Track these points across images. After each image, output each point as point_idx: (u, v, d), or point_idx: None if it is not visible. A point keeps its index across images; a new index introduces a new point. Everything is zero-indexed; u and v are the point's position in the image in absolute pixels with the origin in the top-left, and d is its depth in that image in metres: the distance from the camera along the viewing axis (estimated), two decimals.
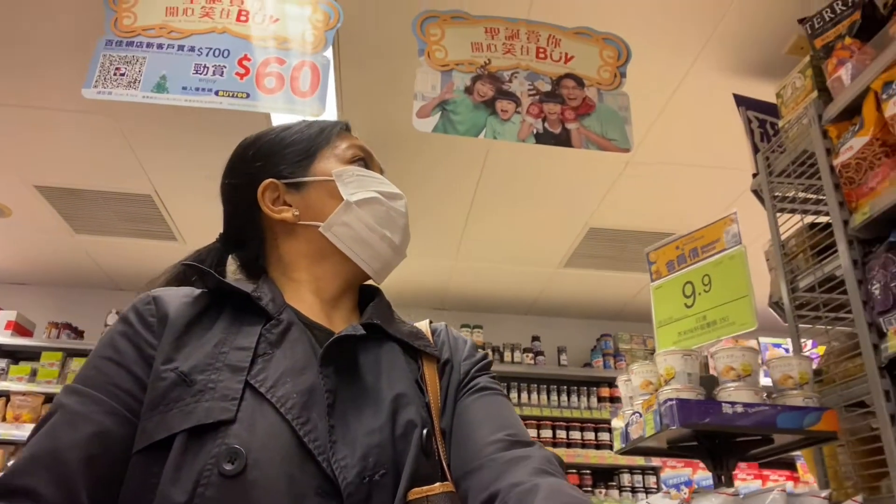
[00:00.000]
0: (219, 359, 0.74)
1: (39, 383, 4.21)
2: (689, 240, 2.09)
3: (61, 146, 3.31)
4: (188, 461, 0.67)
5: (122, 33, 1.95)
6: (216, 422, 0.68)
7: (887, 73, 1.72)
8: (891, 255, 1.68)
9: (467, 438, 0.79)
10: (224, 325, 0.79)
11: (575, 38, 2.16)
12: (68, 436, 0.68)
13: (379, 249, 0.91)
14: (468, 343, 0.95)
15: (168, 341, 0.76)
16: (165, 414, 0.70)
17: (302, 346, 0.79)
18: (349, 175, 0.92)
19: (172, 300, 0.80)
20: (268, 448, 0.68)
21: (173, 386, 0.72)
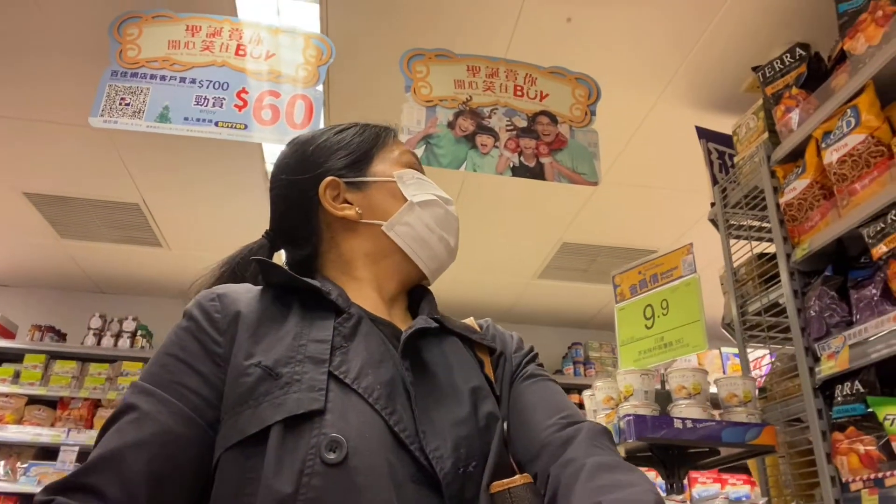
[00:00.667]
0: (299, 351, 0.75)
1: (23, 385, 4.27)
2: (651, 266, 2.28)
3: (52, 156, 3.40)
4: (288, 452, 0.67)
5: (126, 64, 2.07)
6: (308, 412, 0.69)
7: (827, 124, 1.92)
8: (825, 287, 1.88)
9: (524, 424, 0.82)
10: (297, 319, 0.80)
11: (550, 77, 2.34)
12: (134, 436, 0.69)
13: (437, 250, 0.93)
14: (515, 337, 0.98)
15: (244, 337, 0.76)
16: (256, 408, 0.70)
17: (375, 340, 0.80)
18: (410, 177, 0.94)
19: (241, 296, 0.81)
20: (364, 437, 0.69)
21: (260, 381, 0.72)
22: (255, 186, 3.59)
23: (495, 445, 0.75)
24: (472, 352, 0.89)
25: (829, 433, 1.81)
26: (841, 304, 1.84)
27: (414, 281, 0.95)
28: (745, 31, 2.50)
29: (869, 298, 1.73)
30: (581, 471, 0.70)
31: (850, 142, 1.80)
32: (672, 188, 3.56)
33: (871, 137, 1.76)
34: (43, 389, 4.27)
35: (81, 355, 4.44)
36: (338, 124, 1.00)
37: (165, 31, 2.12)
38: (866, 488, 1.66)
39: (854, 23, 1.87)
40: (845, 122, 1.83)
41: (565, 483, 0.70)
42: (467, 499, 0.71)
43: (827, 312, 1.86)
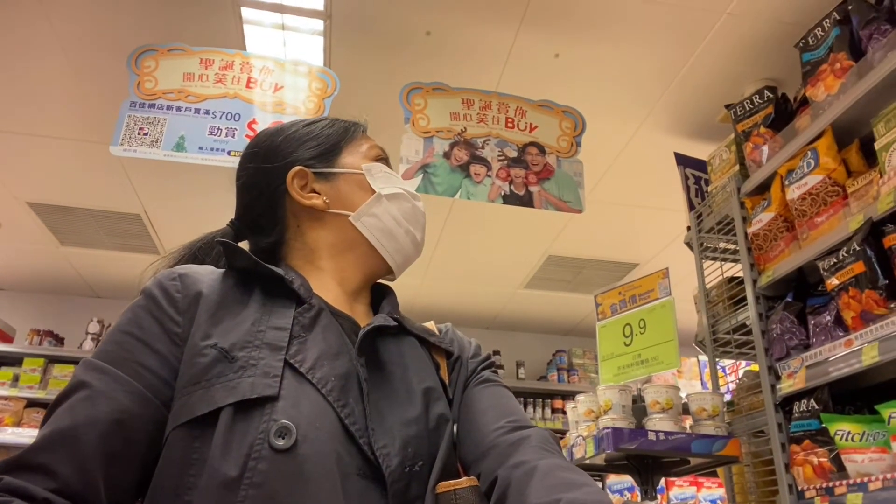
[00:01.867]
0: (257, 337, 0.74)
1: (21, 388, 4.37)
2: (630, 287, 2.46)
3: (58, 169, 3.52)
4: (236, 436, 0.67)
5: (144, 96, 2.21)
6: (261, 397, 0.69)
7: (790, 163, 2.11)
8: (786, 312, 2.07)
9: (473, 426, 0.83)
10: (257, 305, 0.79)
11: (539, 109, 2.51)
12: (87, 414, 0.67)
13: (403, 243, 0.94)
14: (473, 343, 0.99)
15: (204, 318, 0.75)
16: (208, 389, 0.69)
17: (333, 332, 0.80)
18: (377, 171, 0.95)
19: (203, 276, 0.80)
20: (315, 426, 0.69)
21: (215, 362, 0.71)
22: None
23: (444, 447, 0.77)
24: (429, 354, 0.90)
25: (788, 445, 2.00)
26: (800, 328, 2.02)
27: (378, 275, 0.96)
28: (720, 67, 2.68)
29: (824, 324, 1.91)
30: (535, 471, 0.71)
31: (809, 181, 1.99)
32: (652, 207, 3.75)
33: (829, 178, 1.95)
34: (42, 393, 4.38)
35: (79, 359, 4.51)
36: (309, 119, 1.01)
37: (181, 64, 2.26)
38: (819, 496, 1.84)
39: (816, 72, 2.06)
40: (806, 163, 2.02)
41: (517, 483, 0.71)
42: (412, 497, 0.72)
43: (787, 335, 2.05)
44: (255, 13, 2.44)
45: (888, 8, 1.85)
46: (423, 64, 2.58)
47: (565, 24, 2.49)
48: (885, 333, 1.67)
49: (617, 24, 2.49)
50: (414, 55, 2.57)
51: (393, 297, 0.96)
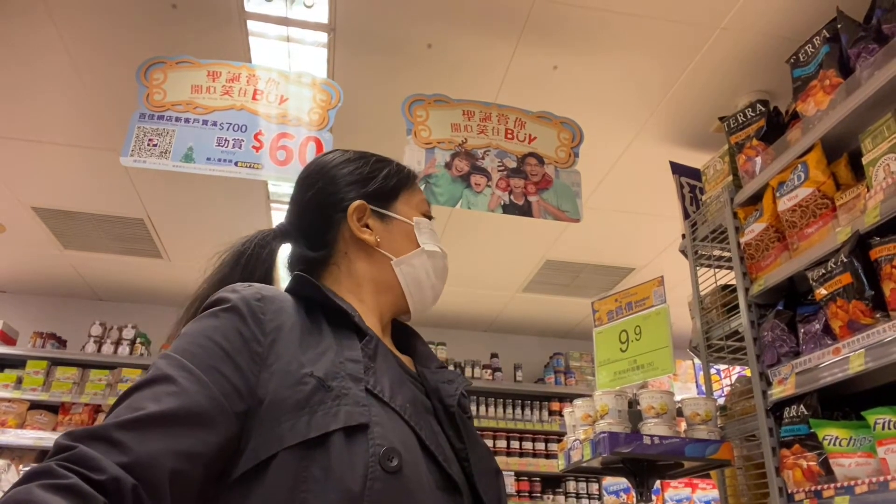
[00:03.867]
0: (341, 368, 0.80)
1: (24, 391, 4.42)
2: (626, 295, 2.52)
3: (63, 175, 3.57)
4: (351, 458, 0.73)
5: (153, 107, 2.26)
6: (358, 424, 0.75)
7: (782, 175, 2.17)
8: (777, 320, 2.13)
9: None
10: (330, 336, 0.85)
11: (538, 121, 2.57)
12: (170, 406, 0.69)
13: (427, 295, 1.02)
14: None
15: (292, 346, 0.80)
16: (312, 415, 0.74)
17: (392, 363, 0.88)
18: (425, 226, 1.04)
19: (284, 304, 0.85)
20: (407, 448, 0.76)
21: (315, 390, 0.76)
22: (257, 204, 3.79)
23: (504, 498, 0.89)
24: None
25: (778, 449, 2.06)
26: (790, 336, 2.09)
27: (400, 316, 1.05)
28: (714, 80, 2.75)
29: (813, 332, 1.98)
30: None
31: (799, 194, 2.06)
32: (648, 213, 3.82)
33: (818, 191, 2.01)
34: (45, 395, 4.43)
35: (82, 362, 4.60)
36: (378, 155, 1.08)
37: (189, 77, 2.32)
38: (808, 499, 1.91)
39: (806, 88, 2.12)
40: (796, 176, 2.08)
41: None
42: None
43: (778, 342, 2.11)
44: (260, 26, 2.50)
45: (876, 28, 1.92)
46: (424, 76, 2.64)
47: (563, 38, 2.55)
48: (871, 342, 1.73)
49: (614, 38, 2.56)
50: (416, 67, 2.63)
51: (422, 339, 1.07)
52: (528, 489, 4.87)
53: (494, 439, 4.91)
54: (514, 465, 4.85)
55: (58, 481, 0.59)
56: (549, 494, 4.90)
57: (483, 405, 5.04)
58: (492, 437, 4.90)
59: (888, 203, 1.73)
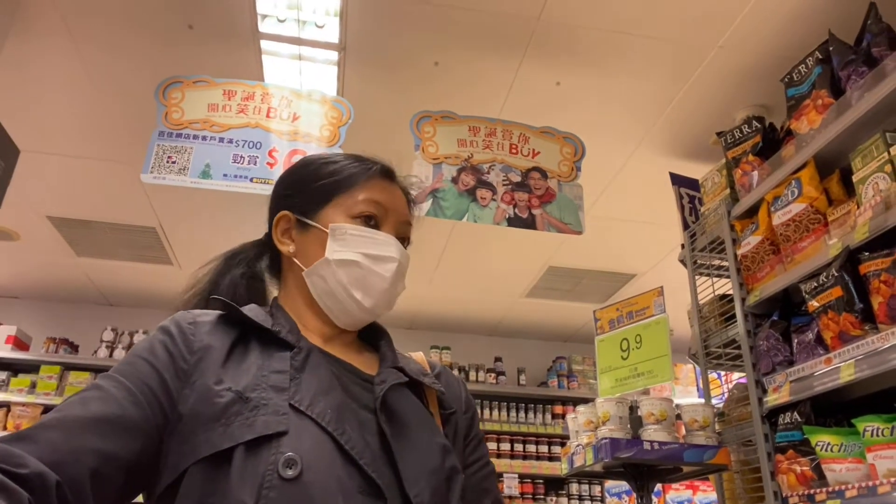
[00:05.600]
0: (263, 380, 0.82)
1: (38, 395, 4.51)
2: (627, 304, 2.61)
3: (79, 186, 3.67)
4: (249, 469, 0.74)
5: (171, 126, 2.36)
6: (275, 433, 0.76)
7: (776, 190, 2.26)
8: (772, 330, 2.22)
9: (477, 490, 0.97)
10: (258, 351, 0.86)
11: (541, 136, 2.66)
12: (96, 408, 0.74)
13: (348, 308, 0.95)
14: (465, 389, 1.04)
15: (214, 365, 0.82)
16: (228, 426, 0.76)
17: (324, 370, 0.87)
18: (342, 233, 0.95)
19: (213, 327, 0.87)
20: (316, 455, 0.76)
21: (232, 402, 0.78)
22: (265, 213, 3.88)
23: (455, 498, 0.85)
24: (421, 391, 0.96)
25: (773, 455, 2.15)
26: (784, 345, 2.17)
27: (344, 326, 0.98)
28: (712, 95, 2.83)
29: (806, 342, 2.06)
30: None
31: (793, 209, 2.14)
32: (649, 221, 3.90)
33: (811, 207, 2.10)
34: (58, 399, 4.52)
35: (94, 367, 4.70)
36: (344, 154, 1.05)
37: (205, 96, 2.41)
38: (801, 503, 1.99)
39: (799, 107, 2.21)
40: (790, 191, 2.17)
41: None
42: None
43: (773, 352, 2.19)
44: (273, 45, 2.59)
45: (865, 51, 2.00)
46: (431, 93, 2.73)
47: (566, 55, 2.64)
48: (860, 353, 1.81)
49: (615, 55, 2.64)
50: (423, 84, 2.72)
51: (388, 339, 1.02)
52: (532, 491, 4.95)
53: (498, 442, 5.00)
54: (518, 467, 4.94)
55: None
56: (552, 496, 4.98)
57: (487, 408, 5.12)
58: (496, 440, 4.99)
59: (877, 220, 1.81)
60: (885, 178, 1.84)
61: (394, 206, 1.00)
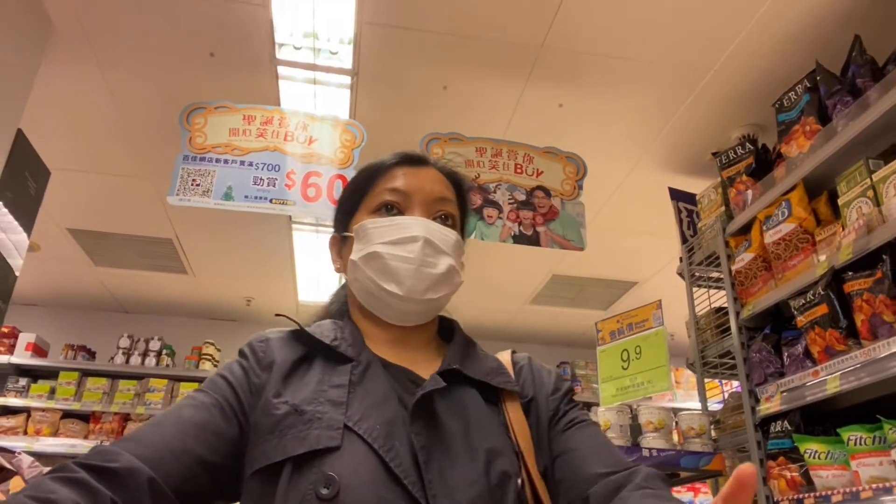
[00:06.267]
0: (321, 395, 0.82)
1: (58, 400, 4.66)
2: (627, 316, 2.73)
3: (99, 200, 3.81)
4: (293, 487, 0.75)
5: (195, 150, 2.49)
6: (326, 448, 0.76)
7: (768, 210, 2.38)
8: (764, 343, 2.34)
9: (574, 476, 0.84)
10: (321, 366, 0.87)
11: (545, 156, 2.79)
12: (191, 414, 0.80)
13: (386, 301, 0.92)
14: (553, 376, 0.97)
15: (277, 378, 0.85)
16: (282, 438, 0.78)
17: (381, 383, 0.85)
18: (363, 230, 0.94)
19: (280, 344, 0.91)
20: (357, 474, 0.74)
21: (287, 415, 0.80)
22: (279, 226, 4.02)
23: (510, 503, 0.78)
24: (498, 397, 0.90)
25: (766, 461, 2.27)
26: (776, 358, 2.29)
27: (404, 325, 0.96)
28: (708, 114, 2.96)
29: (796, 355, 2.18)
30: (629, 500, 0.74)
31: (783, 228, 2.26)
32: (650, 232, 4.03)
33: (800, 227, 2.22)
34: (77, 405, 4.66)
35: (111, 373, 4.84)
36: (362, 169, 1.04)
37: (227, 121, 2.54)
38: None
39: (789, 132, 2.33)
40: (781, 212, 2.29)
41: None
42: None
43: (765, 363, 2.32)
44: (290, 70, 2.72)
45: (850, 81, 2.12)
46: (440, 115, 2.86)
47: (568, 79, 2.77)
48: (845, 367, 1.94)
49: (615, 78, 2.77)
50: (432, 107, 2.85)
51: (459, 339, 0.97)
52: None
53: None
54: None
55: (67, 475, 0.68)
56: None
57: None
58: None
59: (860, 242, 1.93)
60: (867, 202, 1.96)
61: (419, 186, 0.96)
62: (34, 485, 0.66)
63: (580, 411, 0.92)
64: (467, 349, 0.96)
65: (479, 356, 0.95)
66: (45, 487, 0.65)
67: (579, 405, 0.94)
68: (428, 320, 0.98)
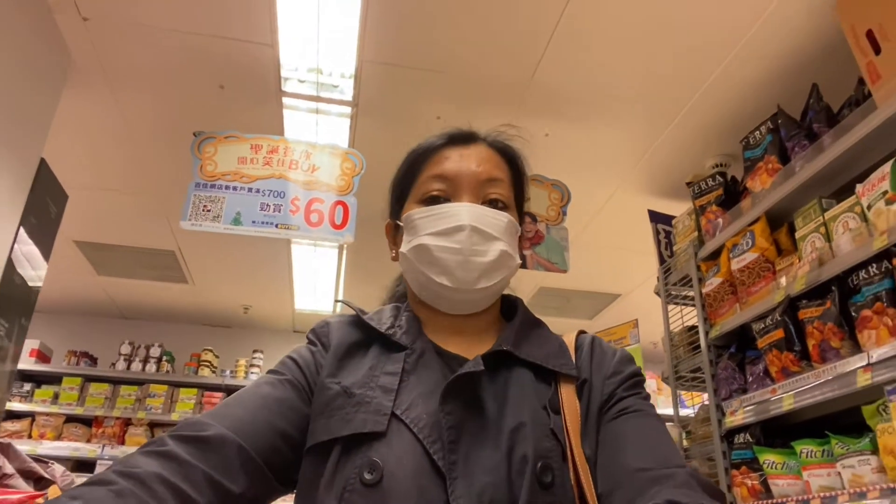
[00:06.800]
0: (373, 379, 0.82)
1: (61, 405, 4.81)
2: (606, 334, 2.94)
3: (106, 215, 3.98)
4: (340, 469, 0.75)
5: (206, 177, 2.67)
6: (371, 433, 0.76)
7: (734, 238, 2.59)
8: (730, 361, 2.55)
9: (610, 466, 0.78)
10: (376, 352, 0.88)
11: (532, 183, 2.98)
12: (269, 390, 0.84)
13: (440, 293, 0.91)
14: (616, 357, 0.91)
15: (332, 361, 0.87)
16: (329, 419, 0.79)
17: (433, 372, 0.84)
18: (410, 222, 0.92)
19: (338, 328, 0.92)
20: (401, 463, 0.74)
21: (336, 396, 0.81)
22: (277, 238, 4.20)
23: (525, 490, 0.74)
24: (553, 380, 0.86)
25: (730, 470, 2.48)
26: (740, 375, 2.50)
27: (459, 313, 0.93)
28: (684, 145, 3.17)
29: (757, 374, 2.40)
30: None
31: (747, 257, 2.48)
32: (631, 249, 4.24)
33: (762, 256, 2.43)
34: (79, 409, 4.82)
35: (113, 378, 5.00)
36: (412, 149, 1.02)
37: (235, 150, 2.73)
38: None
39: (754, 168, 2.54)
40: (745, 241, 2.50)
41: None
42: None
43: (730, 380, 2.53)
44: (294, 101, 2.91)
45: (808, 126, 2.34)
46: None
47: (554, 110, 2.97)
48: (798, 387, 2.15)
49: (597, 111, 2.97)
50: (426, 136, 3.04)
51: (518, 320, 0.94)
52: None
53: None
54: None
55: (156, 448, 0.71)
56: None
57: None
58: None
59: (812, 274, 2.15)
60: (819, 238, 2.18)
61: (466, 169, 0.93)
62: (123, 459, 0.70)
63: (641, 400, 0.86)
64: (527, 330, 0.93)
65: (540, 337, 0.92)
66: (132, 462, 0.68)
67: (643, 393, 0.87)
68: (487, 306, 0.94)
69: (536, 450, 0.77)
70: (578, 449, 0.80)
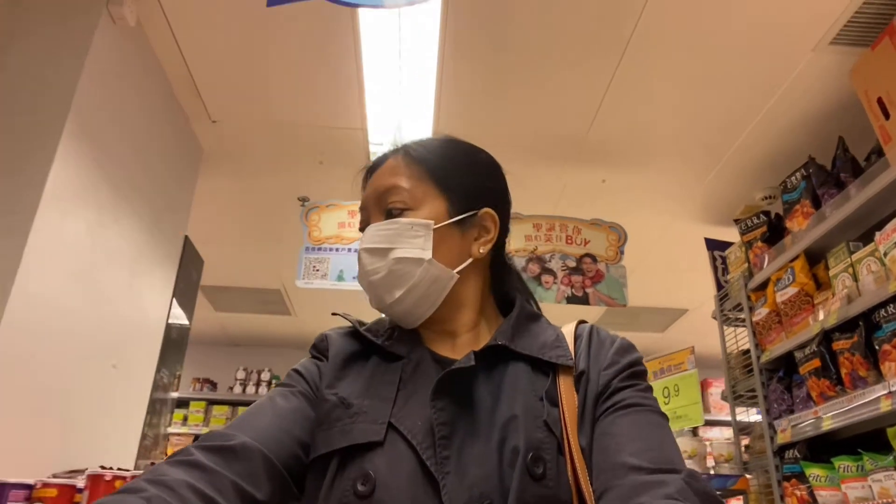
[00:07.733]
0: (370, 390, 0.83)
1: (190, 426, 5.55)
2: (666, 360, 3.26)
3: (225, 263, 4.64)
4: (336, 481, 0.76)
5: (313, 242, 3.20)
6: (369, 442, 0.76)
7: (779, 273, 2.88)
8: (779, 384, 2.84)
9: (601, 464, 0.75)
10: (374, 362, 0.88)
11: (591, 227, 3.36)
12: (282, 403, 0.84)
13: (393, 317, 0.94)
14: (615, 346, 0.89)
15: (332, 371, 0.87)
16: (329, 431, 0.79)
17: (430, 380, 0.82)
18: None
19: (337, 339, 0.93)
20: (393, 472, 0.74)
21: (334, 407, 0.81)
22: None
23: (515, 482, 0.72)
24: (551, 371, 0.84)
25: (782, 482, 2.77)
26: (787, 396, 2.79)
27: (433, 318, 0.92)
28: (733, 181, 3.45)
29: (802, 396, 2.68)
30: None
31: (789, 291, 2.76)
32: (693, 270, 4.51)
33: (802, 291, 2.71)
34: (205, 429, 5.54)
35: (232, 401, 5.70)
36: None
37: (336, 216, 3.25)
38: None
39: (791, 210, 2.82)
40: (787, 277, 2.79)
41: None
42: None
43: (779, 401, 2.82)
44: None
45: (836, 175, 2.61)
46: None
47: (610, 160, 3.33)
48: (835, 410, 2.43)
49: (652, 153, 3.31)
50: None
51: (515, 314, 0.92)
52: None
53: None
54: None
55: (183, 458, 0.72)
56: None
57: None
58: None
59: (842, 310, 2.43)
60: (848, 277, 2.46)
61: (371, 192, 0.93)
62: (152, 469, 0.70)
63: (638, 392, 0.82)
64: (524, 323, 0.92)
65: (537, 330, 0.91)
66: (159, 470, 0.69)
67: (641, 385, 0.84)
68: (430, 313, 0.91)
69: (528, 441, 0.76)
70: (575, 441, 0.78)
